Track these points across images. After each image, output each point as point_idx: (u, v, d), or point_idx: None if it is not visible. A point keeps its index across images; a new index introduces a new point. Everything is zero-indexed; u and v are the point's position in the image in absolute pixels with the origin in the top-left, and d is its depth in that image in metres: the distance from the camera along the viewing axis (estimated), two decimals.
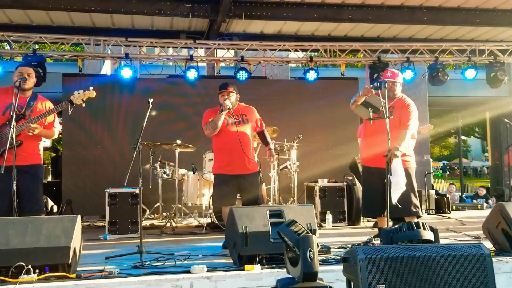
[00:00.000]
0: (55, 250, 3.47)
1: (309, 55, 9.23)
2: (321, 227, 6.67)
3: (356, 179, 7.09)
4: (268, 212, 4.00)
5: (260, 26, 8.76)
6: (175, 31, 8.85)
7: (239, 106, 5.10)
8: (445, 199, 8.87)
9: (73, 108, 4.44)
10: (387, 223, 4.44)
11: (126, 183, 4.43)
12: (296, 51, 8.89)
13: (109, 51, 8.41)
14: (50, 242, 3.48)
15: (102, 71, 12.09)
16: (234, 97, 5.01)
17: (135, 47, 8.41)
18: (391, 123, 4.56)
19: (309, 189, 7.39)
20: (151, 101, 4.55)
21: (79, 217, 3.73)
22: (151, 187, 7.03)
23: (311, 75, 8.60)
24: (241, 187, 4.98)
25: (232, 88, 5.01)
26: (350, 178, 7.23)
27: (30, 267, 3.32)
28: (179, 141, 6.80)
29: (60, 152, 14.09)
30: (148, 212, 7.40)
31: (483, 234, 4.59)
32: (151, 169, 6.99)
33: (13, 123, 4.19)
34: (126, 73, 7.96)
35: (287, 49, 8.84)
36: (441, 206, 8.78)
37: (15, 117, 4.21)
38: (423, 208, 8.12)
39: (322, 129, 9.05)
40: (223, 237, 4.61)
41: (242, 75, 8.29)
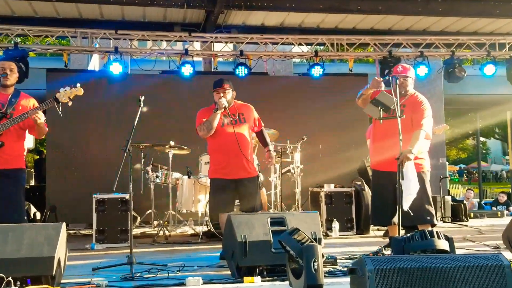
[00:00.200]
0: (38, 260, 3.48)
1: (314, 49, 9.24)
2: (327, 236, 6.68)
3: (365, 184, 7.09)
4: (269, 219, 4.01)
5: (261, 17, 8.77)
6: (168, 23, 8.86)
7: (235, 104, 5.11)
8: (462, 206, 8.87)
9: (59, 106, 4.44)
10: (399, 231, 4.44)
11: (115, 188, 4.43)
12: (300, 45, 8.90)
13: (97, 44, 8.42)
14: (32, 251, 3.49)
15: (89, 66, 12.10)
16: (230, 94, 5.02)
17: (125, 40, 8.42)
18: (402, 123, 4.56)
19: (314, 195, 7.40)
20: (143, 99, 4.57)
21: (64, 224, 3.74)
22: (142, 192, 7.03)
23: (317, 71, 8.60)
24: (239, 193, 4.99)
25: (227, 85, 5.02)
26: (358, 183, 7.24)
27: (10, 279, 3.32)
28: (172, 143, 6.81)
29: (43, 154, 14.09)
30: (139, 219, 7.41)
31: (503, 243, 4.59)
32: (143, 172, 7.00)
33: None
34: (115, 68, 7.97)
35: (290, 42, 8.84)
36: (457, 213, 8.78)
37: None
38: (438, 215, 8.11)
39: (328, 129, 9.06)
40: (221, 247, 4.61)
41: (241, 71, 8.30)
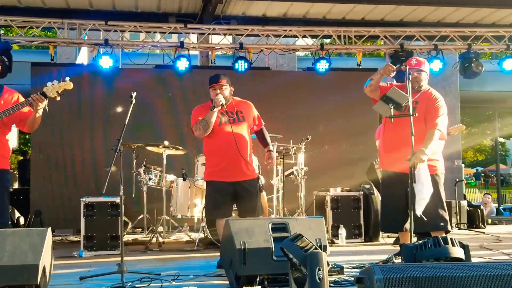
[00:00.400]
0: (22, 268, 3.47)
1: (319, 42, 9.24)
2: (333, 243, 6.68)
3: (374, 188, 7.10)
4: (270, 225, 4.01)
5: (262, 7, 8.77)
6: (163, 13, 8.87)
7: (233, 101, 5.11)
8: (479, 211, 8.87)
9: (47, 102, 4.43)
10: (411, 238, 4.44)
11: (104, 191, 4.44)
12: (304, 37, 8.91)
13: (85, 36, 8.43)
14: (15, 259, 3.49)
15: (77, 60, 12.13)
16: (227, 91, 5.01)
17: (116, 32, 8.43)
18: (415, 121, 4.56)
19: (319, 199, 7.40)
20: (135, 95, 4.57)
21: (50, 230, 3.74)
22: (134, 196, 7.05)
23: (322, 66, 8.61)
24: (238, 196, 4.99)
25: (224, 80, 5.00)
26: (367, 186, 7.24)
27: None
28: (167, 142, 6.81)
29: (28, 155, 14.11)
30: (130, 225, 7.41)
31: None
32: (134, 174, 7.01)
33: None
34: (105, 62, 7.98)
35: (294, 35, 8.85)
36: (474, 219, 8.78)
37: None
38: (453, 221, 8.11)
39: (334, 129, 9.06)
40: (218, 255, 4.61)
41: (241, 66, 8.30)
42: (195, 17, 8.83)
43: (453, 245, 3.54)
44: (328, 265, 3.06)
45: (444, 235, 3.85)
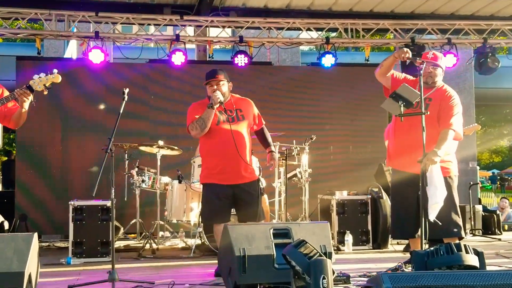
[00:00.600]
0: (6, 276, 3.48)
1: (325, 35, 9.25)
2: (338, 250, 6.69)
3: (383, 191, 7.10)
4: (272, 230, 4.02)
5: None
6: (157, 4, 8.87)
7: (232, 98, 5.11)
8: (495, 216, 8.88)
9: (33, 96, 4.43)
10: (422, 245, 4.44)
11: (94, 194, 4.45)
12: (309, 30, 8.92)
13: (74, 29, 8.45)
14: None
15: (66, 54, 12.17)
16: (225, 87, 5.01)
17: (107, 24, 8.44)
18: (427, 120, 4.56)
19: (324, 203, 7.40)
20: (127, 91, 4.58)
21: (36, 235, 3.76)
22: (126, 199, 7.06)
23: (328, 61, 8.62)
24: (237, 200, 5.00)
25: (221, 75, 5.00)
26: (375, 189, 7.25)
27: None
28: (161, 142, 6.82)
29: (12, 155, 14.14)
30: (122, 230, 7.43)
31: None
32: (127, 176, 7.01)
33: None
34: (95, 56, 7.99)
35: (297, 27, 8.86)
36: (489, 225, 8.79)
37: None
38: (466, 227, 8.12)
39: (340, 128, 9.08)
40: (216, 262, 4.62)
41: (240, 60, 8.30)
42: (191, 8, 8.82)
43: (467, 252, 3.55)
44: (333, 273, 3.07)
45: (457, 242, 3.86)
